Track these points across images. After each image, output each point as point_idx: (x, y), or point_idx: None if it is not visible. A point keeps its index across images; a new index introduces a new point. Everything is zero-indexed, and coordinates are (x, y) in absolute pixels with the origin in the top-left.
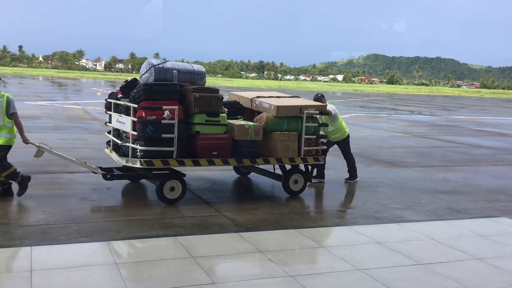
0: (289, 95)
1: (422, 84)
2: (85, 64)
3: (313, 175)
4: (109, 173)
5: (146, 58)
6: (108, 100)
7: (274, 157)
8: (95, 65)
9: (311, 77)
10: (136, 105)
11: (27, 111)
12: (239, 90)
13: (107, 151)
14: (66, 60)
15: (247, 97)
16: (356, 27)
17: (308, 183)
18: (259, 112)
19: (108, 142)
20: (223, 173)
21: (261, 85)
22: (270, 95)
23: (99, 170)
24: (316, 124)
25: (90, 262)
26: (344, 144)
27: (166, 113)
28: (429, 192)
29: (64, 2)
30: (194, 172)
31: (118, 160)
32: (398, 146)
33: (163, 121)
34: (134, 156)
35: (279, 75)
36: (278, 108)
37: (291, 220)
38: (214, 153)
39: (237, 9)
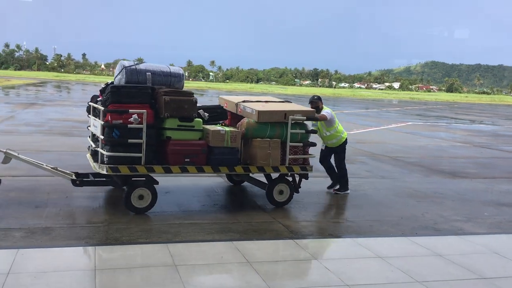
0: (281, 100)
1: (483, 92)
2: None
3: (336, 187)
4: (78, 179)
5: (203, 66)
6: (89, 103)
7: (255, 165)
8: None
9: (366, 84)
10: (102, 108)
11: None
12: (294, 98)
13: (88, 156)
14: None
15: (233, 102)
16: (414, 34)
17: (334, 191)
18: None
19: (89, 147)
20: None
21: (314, 93)
22: (258, 99)
23: (73, 175)
24: (303, 131)
25: (150, 263)
26: (340, 150)
27: (134, 117)
28: (491, 204)
29: (125, 13)
30: None
31: (94, 166)
32: (458, 156)
33: (129, 126)
34: (102, 161)
35: (333, 82)
36: (259, 113)
37: (347, 229)
38: (186, 160)
39: (292, 16)
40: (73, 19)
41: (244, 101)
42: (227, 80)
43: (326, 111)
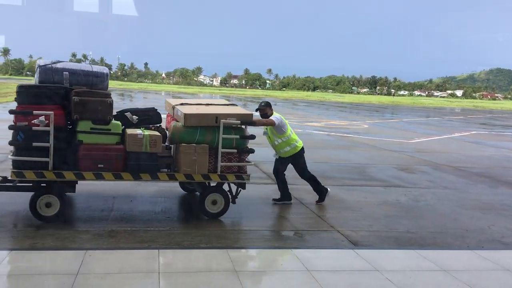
0: (226, 103)
1: None
2: (202, 80)
3: (277, 198)
4: None
5: (260, 74)
6: None
7: (180, 172)
8: (212, 81)
9: (427, 92)
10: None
11: None
12: (351, 106)
13: None
14: (186, 76)
15: (171, 104)
16: (478, 40)
17: (273, 201)
18: None
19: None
20: (336, 188)
21: (372, 101)
22: (200, 102)
23: None
24: (238, 136)
25: (211, 267)
26: (297, 160)
27: (40, 119)
28: None
29: (184, 22)
30: (305, 186)
31: None
32: None
33: (34, 128)
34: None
35: (392, 90)
36: (186, 116)
37: (409, 240)
38: (100, 165)
39: (349, 23)
40: (136, 29)
41: (181, 104)
42: (284, 88)
43: (275, 116)
